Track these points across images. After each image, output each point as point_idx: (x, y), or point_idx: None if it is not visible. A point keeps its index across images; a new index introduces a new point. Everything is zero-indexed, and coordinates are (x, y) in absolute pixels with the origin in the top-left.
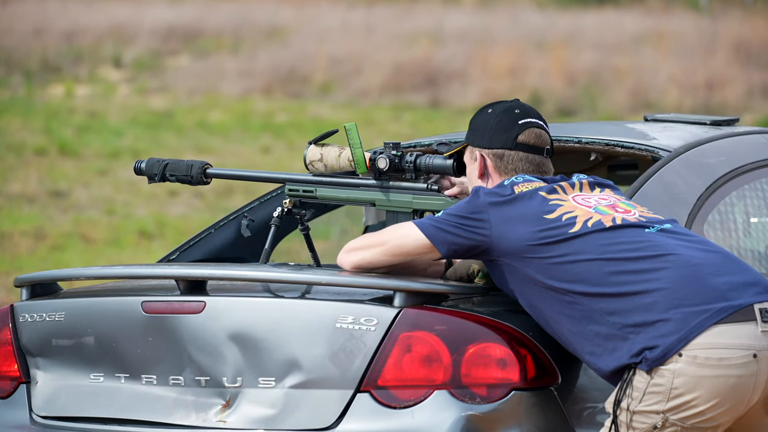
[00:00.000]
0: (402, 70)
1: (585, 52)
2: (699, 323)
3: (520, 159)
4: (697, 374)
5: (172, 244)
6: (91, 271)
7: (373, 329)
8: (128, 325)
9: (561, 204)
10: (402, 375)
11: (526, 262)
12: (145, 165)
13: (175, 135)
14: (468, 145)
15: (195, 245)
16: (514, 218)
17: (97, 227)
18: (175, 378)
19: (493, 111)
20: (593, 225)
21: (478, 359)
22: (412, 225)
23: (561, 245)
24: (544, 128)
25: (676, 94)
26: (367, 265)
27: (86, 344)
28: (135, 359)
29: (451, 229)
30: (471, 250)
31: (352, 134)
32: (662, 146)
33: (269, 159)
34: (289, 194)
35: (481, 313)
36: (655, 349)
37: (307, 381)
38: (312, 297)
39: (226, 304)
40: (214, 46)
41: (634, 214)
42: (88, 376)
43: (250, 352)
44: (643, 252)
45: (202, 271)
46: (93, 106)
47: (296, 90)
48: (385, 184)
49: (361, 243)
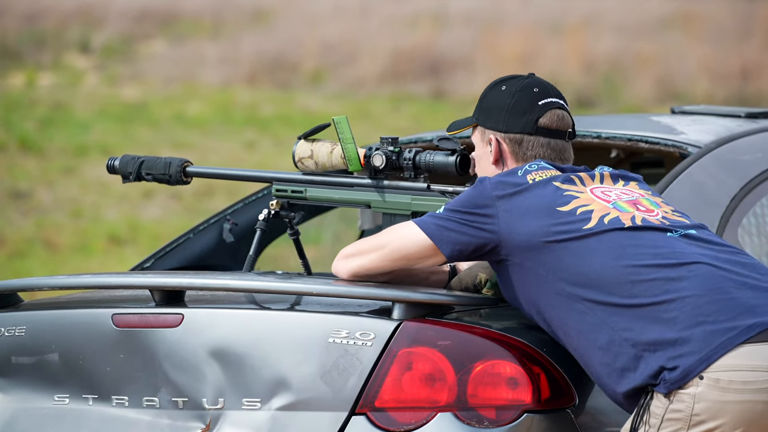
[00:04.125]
0: (401, 56)
1: (605, 37)
2: (724, 343)
3: (540, 145)
4: (720, 399)
5: (146, 250)
6: (55, 280)
7: (369, 344)
8: (97, 341)
9: (576, 196)
10: (402, 395)
11: (537, 261)
12: (118, 163)
13: (149, 129)
14: (477, 125)
15: (172, 252)
16: (525, 211)
17: (62, 232)
18: (150, 399)
19: (507, 89)
20: (610, 222)
21: (486, 378)
22: (413, 224)
23: (574, 243)
24: (566, 108)
25: (707, 84)
26: (366, 273)
27: (50, 362)
28: (104, 379)
29: (455, 227)
30: (478, 250)
31: (342, 128)
32: (691, 142)
33: (253, 156)
34: (276, 195)
35: (490, 326)
36: (674, 370)
37: (297, 402)
38: (302, 309)
39: (207, 317)
40: (193, 30)
41: (657, 214)
42: (52, 398)
43: (232, 371)
44: (663, 259)
45: (180, 281)
46: (57, 97)
47: (283, 79)
48: (382, 183)
49: (357, 248)
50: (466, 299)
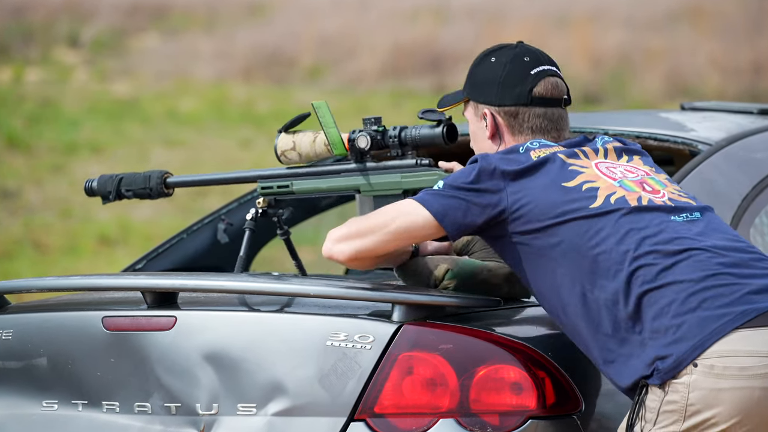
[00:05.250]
0: (402, 51)
1: (612, 31)
2: (717, 328)
3: (537, 115)
4: (715, 387)
5: (137, 251)
6: (43, 282)
7: (368, 348)
8: (87, 344)
9: (582, 171)
10: (402, 401)
11: (542, 240)
12: (96, 183)
13: (140, 126)
14: (469, 100)
15: (164, 253)
16: (533, 188)
17: (51, 232)
18: (141, 405)
19: (497, 60)
20: (616, 202)
21: (490, 383)
22: (413, 201)
23: (580, 222)
24: (559, 75)
25: (718, 79)
26: (368, 254)
27: (38, 367)
28: (95, 384)
29: (458, 204)
30: (480, 229)
31: (322, 112)
32: (702, 139)
33: (249, 154)
34: (262, 193)
35: (493, 330)
36: (667, 358)
37: (293, 408)
38: (299, 311)
39: (200, 320)
40: (186, 24)
41: (663, 195)
42: (41, 404)
43: (227, 375)
44: (663, 245)
45: (172, 282)
46: (46, 93)
47: (280, 75)
48: (369, 165)
49: (353, 229)
50: (469, 301)
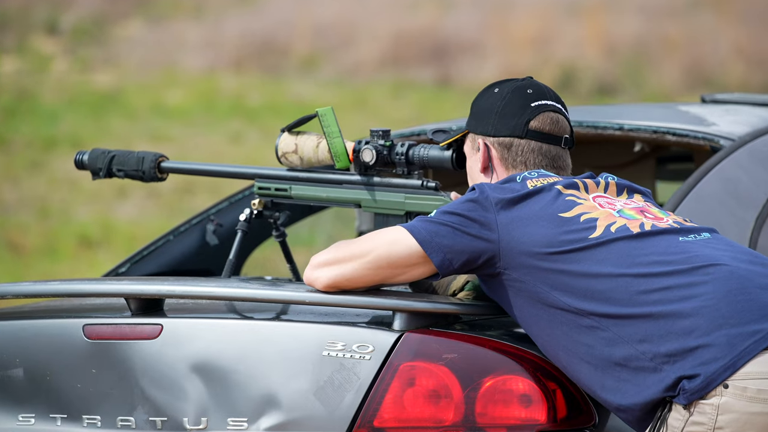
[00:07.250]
0: (403, 40)
1: (627, 18)
2: (749, 347)
3: (531, 150)
4: (747, 410)
5: (120, 254)
6: (19, 287)
7: (368, 358)
8: (66, 354)
9: (579, 202)
10: (403, 414)
11: (538, 276)
12: (87, 157)
13: (124, 120)
14: (469, 132)
15: (149, 256)
16: (527, 218)
17: (28, 233)
18: (125, 419)
19: (500, 91)
20: (617, 231)
21: (497, 395)
22: (401, 229)
23: (580, 254)
24: (563, 113)
25: (741, 69)
26: (346, 284)
27: (14, 378)
28: (75, 396)
29: (448, 233)
30: (470, 262)
31: (327, 120)
32: (723, 134)
33: (240, 149)
34: (258, 193)
35: (500, 338)
36: (695, 378)
37: (287, 422)
38: (293, 319)
39: (188, 328)
40: (172, 10)
41: (667, 221)
42: (16, 418)
43: (216, 387)
44: (677, 265)
45: (159, 288)
46: (22, 84)
47: (273, 65)
48: (373, 180)
49: (334, 255)
50: (474, 308)
